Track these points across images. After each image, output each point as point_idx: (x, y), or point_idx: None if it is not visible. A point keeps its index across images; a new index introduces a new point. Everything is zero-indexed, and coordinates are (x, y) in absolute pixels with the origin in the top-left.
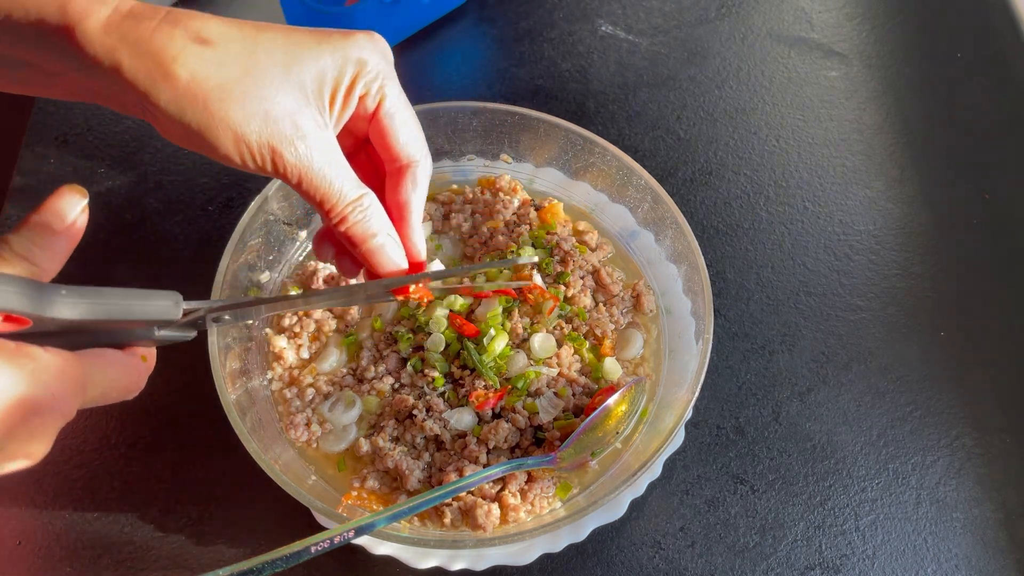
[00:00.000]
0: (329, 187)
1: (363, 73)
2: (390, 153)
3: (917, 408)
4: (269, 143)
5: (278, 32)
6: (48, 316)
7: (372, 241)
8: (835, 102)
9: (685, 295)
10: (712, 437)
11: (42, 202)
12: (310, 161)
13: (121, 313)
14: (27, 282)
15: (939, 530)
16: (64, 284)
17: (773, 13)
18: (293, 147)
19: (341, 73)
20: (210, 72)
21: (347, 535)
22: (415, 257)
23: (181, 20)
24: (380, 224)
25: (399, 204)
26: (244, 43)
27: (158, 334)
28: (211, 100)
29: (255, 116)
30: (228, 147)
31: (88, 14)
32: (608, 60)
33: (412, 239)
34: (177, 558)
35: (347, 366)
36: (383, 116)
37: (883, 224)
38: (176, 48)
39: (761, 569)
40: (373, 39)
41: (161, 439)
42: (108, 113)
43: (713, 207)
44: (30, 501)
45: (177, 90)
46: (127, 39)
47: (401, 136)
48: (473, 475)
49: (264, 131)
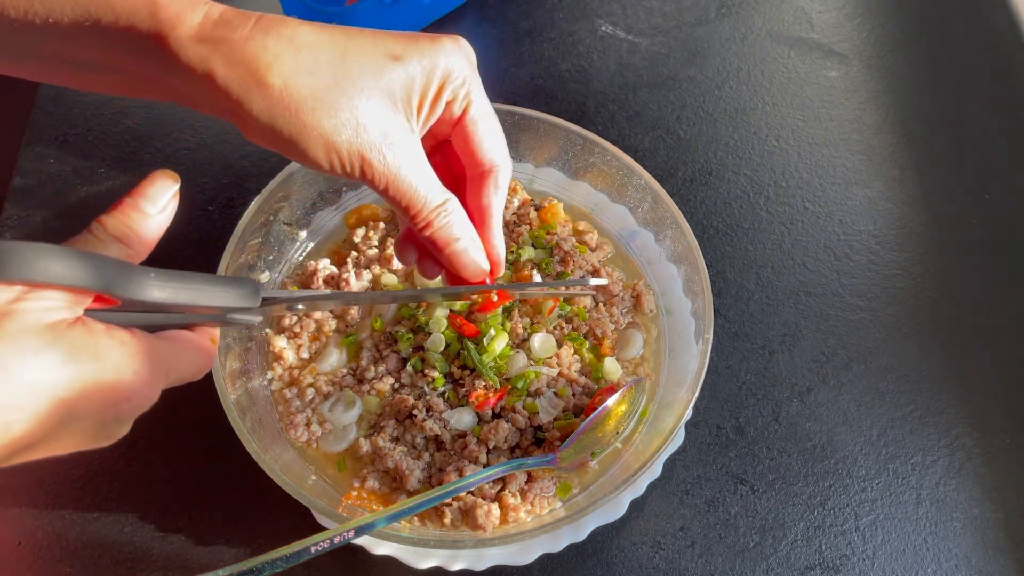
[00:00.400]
0: (415, 193)
1: (450, 80)
2: (473, 158)
3: (917, 408)
4: (359, 151)
5: (367, 38)
6: (138, 299)
7: (455, 245)
8: (835, 102)
9: (685, 295)
10: (712, 437)
11: (135, 186)
12: (397, 169)
13: (205, 299)
14: (123, 264)
15: (939, 530)
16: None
17: (773, 13)
18: (382, 155)
19: (429, 80)
20: (302, 81)
21: (347, 535)
22: (496, 259)
23: (273, 27)
24: (463, 229)
25: (481, 208)
26: (334, 50)
27: (229, 317)
28: (303, 110)
29: (346, 125)
30: (319, 155)
31: (180, 21)
32: (608, 60)
33: (493, 242)
34: (177, 558)
35: (347, 366)
36: (468, 122)
37: (883, 224)
38: (270, 57)
39: (761, 569)
40: (459, 44)
41: (161, 439)
42: (108, 113)
43: (713, 207)
44: (30, 501)
45: (270, 99)
46: (220, 48)
47: (485, 142)
48: (473, 475)
49: (354, 140)
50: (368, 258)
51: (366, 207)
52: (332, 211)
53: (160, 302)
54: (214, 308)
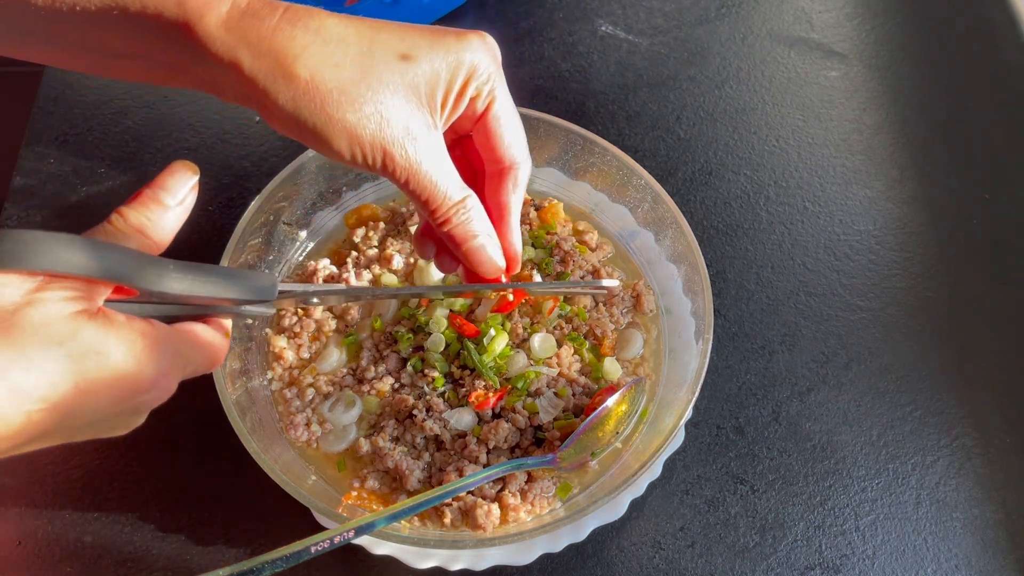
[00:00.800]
0: (435, 189)
1: (475, 76)
2: (494, 155)
3: (917, 408)
4: (382, 145)
5: (393, 32)
6: (158, 290)
7: (473, 241)
8: (835, 102)
9: (685, 295)
10: (712, 437)
11: (155, 177)
12: (419, 164)
13: (223, 291)
14: (142, 255)
15: (939, 530)
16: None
17: (773, 13)
18: (404, 150)
19: (454, 76)
20: (328, 74)
21: (347, 535)
22: (513, 256)
23: (300, 18)
24: (481, 225)
25: (499, 205)
26: (361, 43)
27: (244, 309)
28: (328, 102)
29: (370, 118)
30: (342, 147)
31: (207, 10)
32: (608, 60)
33: (511, 239)
34: (177, 558)
35: (347, 366)
36: (491, 119)
37: (883, 224)
38: (297, 48)
39: (761, 569)
40: (485, 41)
41: (161, 439)
42: (108, 113)
43: (713, 207)
44: (30, 501)
45: (296, 90)
46: (247, 38)
47: (506, 139)
48: (473, 475)
49: (378, 134)
50: (368, 258)
51: (366, 207)
52: (332, 211)
53: (179, 294)
54: (231, 300)
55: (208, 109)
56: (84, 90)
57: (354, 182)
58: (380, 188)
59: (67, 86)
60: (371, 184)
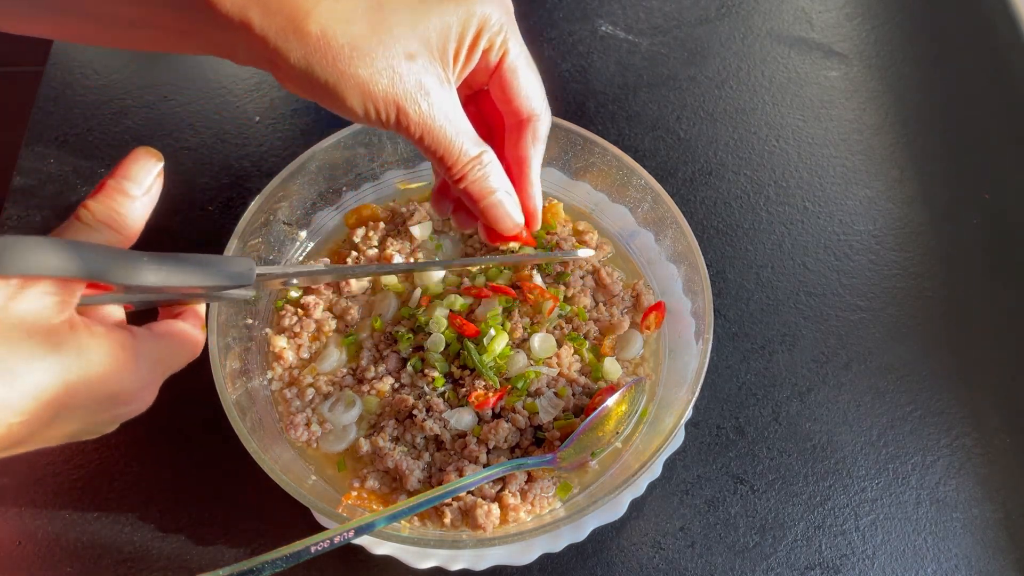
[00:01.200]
0: (450, 144)
1: (487, 28)
2: (511, 107)
3: (917, 408)
4: (395, 100)
5: None
6: (134, 284)
7: (491, 197)
8: (835, 102)
9: (685, 295)
10: (712, 437)
11: (116, 165)
12: (432, 119)
13: (199, 279)
14: (114, 251)
15: (939, 530)
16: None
17: (773, 13)
18: (417, 104)
19: (465, 28)
20: (340, 29)
21: (347, 535)
22: (531, 211)
23: None
24: (498, 181)
25: (519, 159)
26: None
27: (224, 294)
28: (340, 58)
29: (382, 73)
30: (354, 103)
31: None
32: (608, 60)
33: (530, 192)
34: (177, 558)
35: (347, 366)
36: (506, 70)
37: (883, 224)
38: (308, 5)
39: (761, 569)
40: None
41: (161, 439)
42: (108, 113)
43: (713, 207)
44: (30, 501)
45: (308, 47)
46: None
47: (523, 90)
48: (473, 475)
49: (391, 89)
50: (368, 258)
51: (366, 207)
52: (332, 211)
53: (155, 286)
54: (208, 287)
55: (208, 109)
56: (84, 90)
57: (354, 182)
58: (380, 188)
59: (67, 86)
60: (371, 184)
